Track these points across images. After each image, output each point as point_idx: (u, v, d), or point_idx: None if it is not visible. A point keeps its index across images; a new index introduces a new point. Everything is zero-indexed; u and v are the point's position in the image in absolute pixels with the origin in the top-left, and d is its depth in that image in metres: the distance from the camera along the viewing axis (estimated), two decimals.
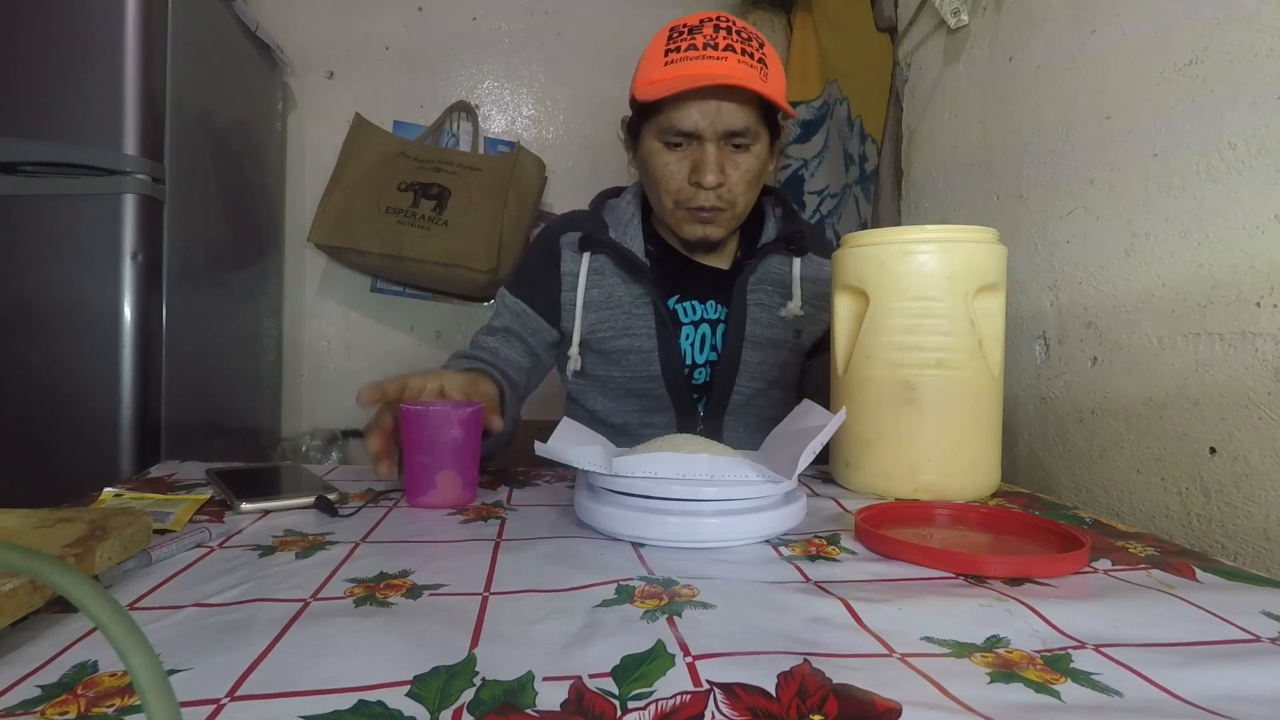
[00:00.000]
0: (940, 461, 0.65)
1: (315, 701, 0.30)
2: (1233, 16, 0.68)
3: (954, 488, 0.66)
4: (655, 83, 0.81)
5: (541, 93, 1.96)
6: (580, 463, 0.55)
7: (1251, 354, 0.66)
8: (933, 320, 0.64)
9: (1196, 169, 0.71)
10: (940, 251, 0.64)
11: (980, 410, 0.67)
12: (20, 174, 1.11)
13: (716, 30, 0.81)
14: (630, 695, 0.31)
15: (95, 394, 1.12)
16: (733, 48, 0.80)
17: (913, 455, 0.65)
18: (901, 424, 0.65)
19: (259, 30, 1.57)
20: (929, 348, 0.64)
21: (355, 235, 1.63)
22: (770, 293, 0.94)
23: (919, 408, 0.64)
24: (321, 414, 1.88)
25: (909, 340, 0.64)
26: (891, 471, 0.66)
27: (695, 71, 0.79)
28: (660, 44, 0.83)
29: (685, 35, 0.81)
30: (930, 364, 0.64)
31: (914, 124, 1.24)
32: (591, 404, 0.97)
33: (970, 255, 0.66)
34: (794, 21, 1.95)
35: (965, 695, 0.31)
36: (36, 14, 1.12)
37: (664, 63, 0.81)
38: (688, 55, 0.80)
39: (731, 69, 0.79)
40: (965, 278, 0.65)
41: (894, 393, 0.65)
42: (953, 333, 0.64)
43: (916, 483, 0.65)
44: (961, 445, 0.66)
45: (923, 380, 0.64)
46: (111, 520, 0.44)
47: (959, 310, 0.64)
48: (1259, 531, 0.65)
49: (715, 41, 0.80)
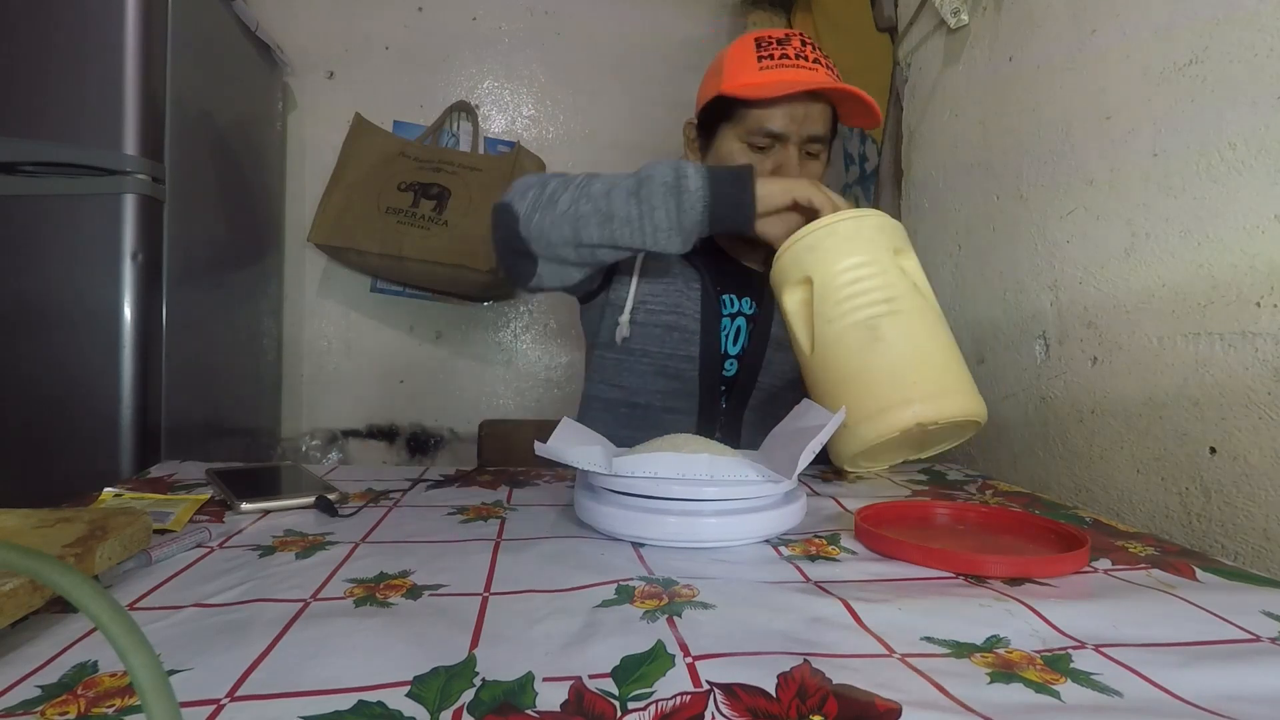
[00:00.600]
0: (925, 384, 0.67)
1: (315, 702, 0.30)
2: (1233, 16, 0.68)
3: (946, 407, 0.66)
4: (754, 85, 0.86)
5: (541, 93, 1.96)
6: (580, 463, 0.55)
7: (1251, 354, 0.66)
8: (870, 273, 0.70)
9: (1196, 169, 0.71)
10: (855, 224, 0.72)
11: (941, 335, 0.71)
12: (20, 174, 1.11)
13: (804, 44, 0.88)
14: (630, 696, 0.31)
15: (95, 394, 1.12)
16: (820, 61, 0.87)
17: (899, 384, 0.67)
18: (878, 361, 0.68)
19: (259, 30, 1.57)
20: (874, 291, 0.69)
21: (355, 235, 1.63)
22: None
23: (887, 341, 0.68)
24: (321, 414, 1.88)
25: (856, 292, 0.69)
26: (885, 406, 0.67)
27: (794, 77, 0.85)
28: (749, 50, 0.88)
29: (775, 45, 0.88)
30: (881, 302, 0.69)
31: (914, 124, 1.24)
32: (621, 379, 0.96)
33: (877, 224, 0.73)
34: (794, 21, 1.95)
35: (965, 695, 0.31)
36: (36, 14, 1.12)
37: (759, 67, 0.86)
38: (782, 63, 0.86)
39: (822, 77, 0.85)
40: (882, 240, 0.72)
41: (861, 337, 0.69)
42: (889, 280, 0.70)
43: (912, 408, 0.66)
44: (938, 367, 0.69)
45: (881, 319, 0.68)
46: (111, 520, 0.44)
47: (887, 262, 0.71)
48: (1259, 531, 0.65)
49: (805, 54, 0.87)
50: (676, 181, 0.74)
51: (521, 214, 0.81)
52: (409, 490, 0.69)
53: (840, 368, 0.70)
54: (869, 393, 0.67)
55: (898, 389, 0.67)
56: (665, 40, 2.00)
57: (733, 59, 0.89)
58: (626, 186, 0.76)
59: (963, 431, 0.73)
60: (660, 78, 1.97)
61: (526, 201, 0.81)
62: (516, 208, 0.82)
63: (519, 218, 0.81)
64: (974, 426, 0.71)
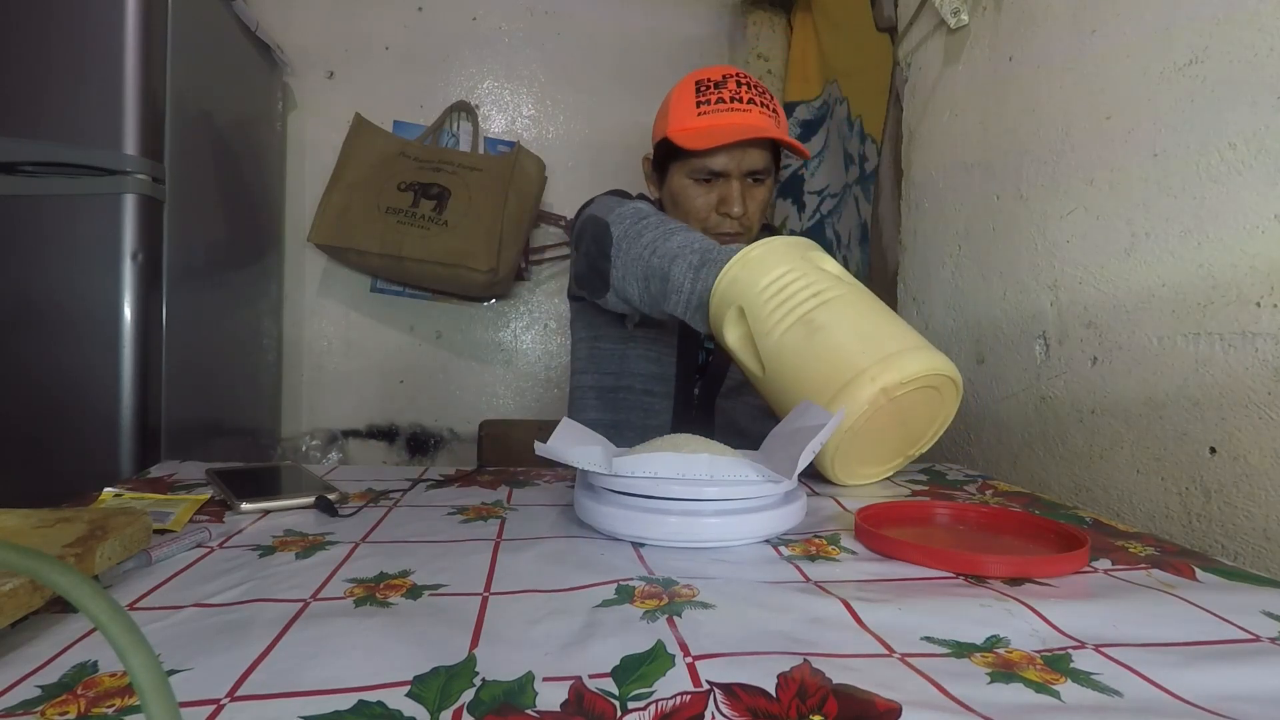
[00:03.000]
0: (875, 351, 0.66)
1: (315, 702, 0.30)
2: (1233, 16, 0.68)
3: (907, 366, 0.65)
4: (691, 131, 0.94)
5: (541, 93, 1.96)
6: (580, 463, 0.55)
7: (1251, 354, 0.66)
8: (791, 279, 0.70)
9: (1196, 169, 0.71)
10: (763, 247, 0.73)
11: (880, 310, 0.71)
12: (20, 174, 1.11)
13: (740, 85, 0.95)
14: (630, 695, 0.31)
15: (95, 394, 1.12)
16: (754, 101, 0.94)
17: (849, 360, 0.66)
18: (822, 347, 0.67)
19: (259, 30, 1.57)
20: (801, 292, 0.70)
21: (355, 235, 1.63)
22: None
23: (825, 328, 0.67)
24: (321, 414, 1.88)
25: (784, 299, 0.70)
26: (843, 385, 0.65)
27: (728, 123, 0.92)
28: (689, 95, 0.96)
29: (712, 89, 0.95)
30: (810, 298, 0.69)
31: (914, 124, 1.24)
32: (609, 366, 1.04)
33: (784, 240, 0.74)
34: (794, 21, 1.95)
35: (965, 695, 0.31)
36: (36, 14, 1.12)
37: (696, 113, 0.95)
38: (718, 108, 0.94)
39: (755, 120, 0.93)
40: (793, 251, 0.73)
41: (799, 335, 0.68)
42: (811, 279, 0.70)
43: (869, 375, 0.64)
44: (885, 334, 0.68)
45: (813, 311, 0.68)
46: (111, 520, 0.44)
47: (804, 266, 0.71)
48: (1259, 531, 0.65)
49: (740, 96, 0.94)
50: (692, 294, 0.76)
51: (615, 236, 0.84)
52: (409, 490, 0.69)
53: (790, 371, 0.69)
54: (824, 381, 0.66)
55: (849, 365, 0.65)
56: (665, 40, 2.00)
57: (675, 103, 0.97)
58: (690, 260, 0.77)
59: (943, 400, 0.70)
60: (661, 78, 1.96)
61: (622, 226, 0.84)
62: (614, 229, 0.85)
63: (613, 241, 0.84)
64: (951, 388, 0.69)
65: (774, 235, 0.79)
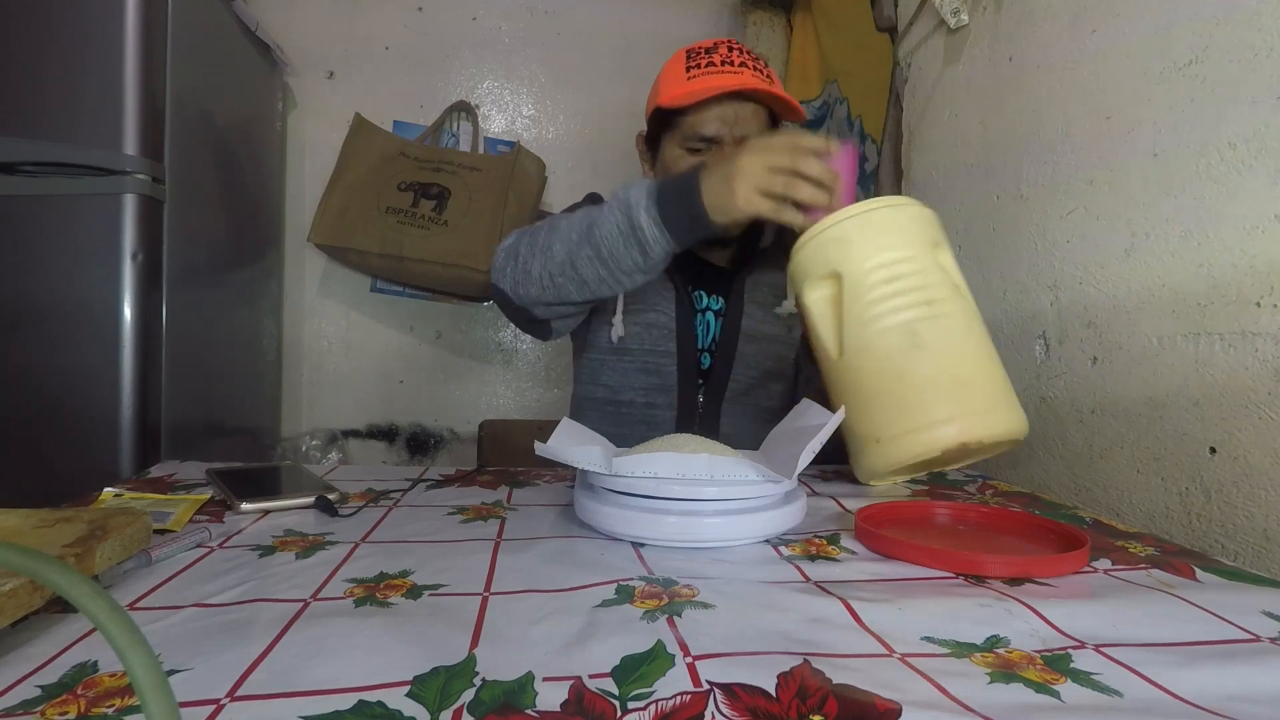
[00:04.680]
0: (971, 399, 0.62)
1: (315, 702, 0.30)
2: (1233, 16, 0.68)
3: (994, 425, 0.61)
4: (681, 94, 0.90)
5: (541, 93, 1.96)
6: (580, 463, 0.55)
7: (1251, 354, 0.66)
8: (908, 270, 0.64)
9: (1196, 169, 0.71)
10: (891, 213, 0.66)
11: (985, 343, 0.65)
12: (20, 174, 1.11)
13: (731, 50, 0.92)
14: (630, 695, 0.31)
15: (95, 394, 1.12)
16: (745, 64, 0.91)
17: (942, 398, 0.62)
18: (918, 371, 0.62)
19: (259, 30, 1.57)
20: (913, 291, 0.63)
21: (355, 235, 1.63)
22: (767, 292, 1.00)
23: (929, 349, 0.62)
24: (321, 414, 1.88)
25: (893, 292, 0.63)
26: (927, 422, 0.61)
27: (718, 83, 0.89)
28: (680, 63, 0.93)
29: (703, 55, 0.92)
30: (921, 304, 0.63)
31: (914, 124, 1.24)
32: (607, 379, 1.00)
33: (915, 214, 0.67)
34: (794, 21, 1.95)
35: (965, 695, 0.31)
36: (36, 14, 1.12)
37: (686, 78, 0.91)
38: (708, 71, 0.90)
39: (747, 80, 0.89)
40: (920, 232, 0.66)
41: (899, 343, 0.62)
42: (929, 278, 0.64)
43: (957, 425, 0.60)
44: (984, 378, 0.63)
45: (921, 324, 0.62)
46: (111, 520, 0.44)
47: (926, 258, 0.65)
48: (1259, 531, 0.65)
49: (731, 59, 0.91)
50: (631, 231, 0.73)
51: (511, 293, 0.85)
52: (409, 490, 0.69)
53: (874, 376, 0.64)
54: (908, 406, 0.62)
55: (941, 403, 0.61)
56: (665, 40, 1.99)
57: (667, 73, 0.95)
58: (585, 253, 0.76)
59: (998, 448, 0.68)
60: None
61: (508, 280, 0.85)
62: (506, 289, 0.86)
63: (511, 299, 0.86)
64: (1012, 444, 0.66)
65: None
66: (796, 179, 0.67)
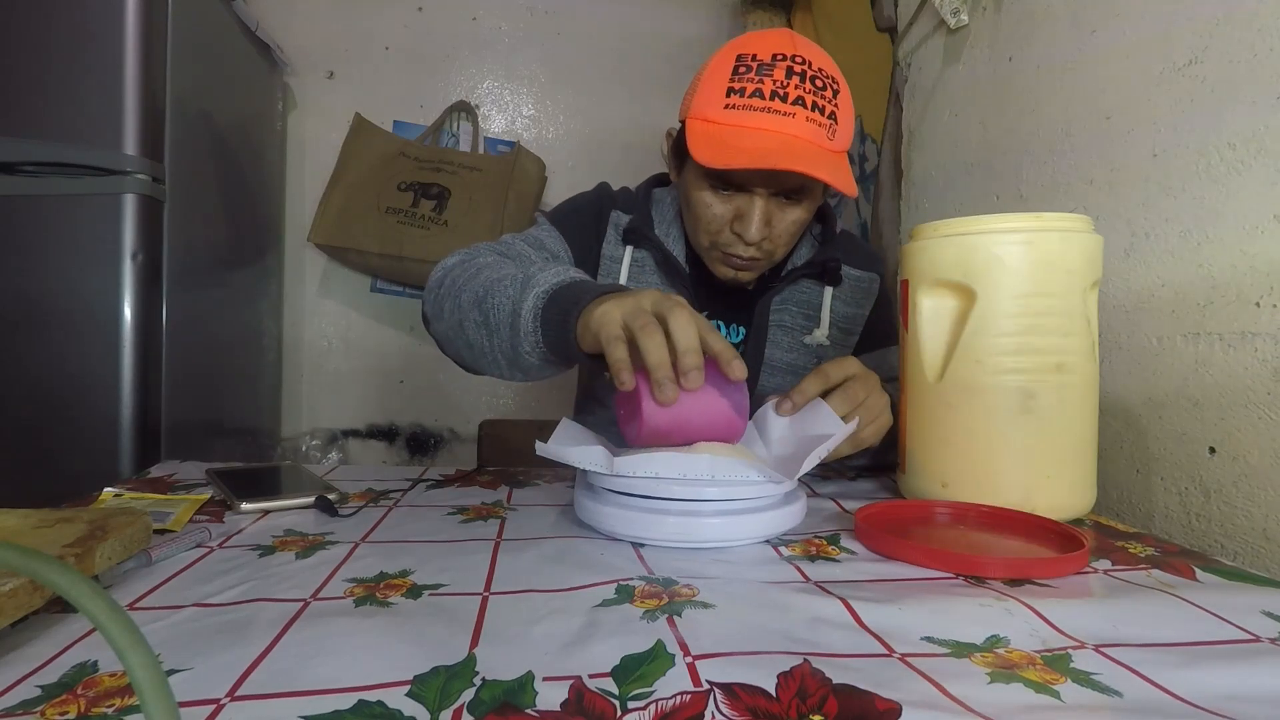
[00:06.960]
0: (1058, 478, 0.58)
1: (315, 701, 0.30)
2: (1233, 16, 0.68)
3: (1066, 506, 0.59)
4: (711, 128, 0.72)
5: (541, 93, 1.96)
6: (580, 463, 0.55)
7: (1251, 354, 0.66)
8: (1052, 319, 0.56)
9: (1196, 169, 0.71)
10: (1061, 241, 0.56)
11: (1092, 417, 0.60)
12: (20, 174, 1.11)
13: (789, 75, 0.71)
14: (630, 695, 0.31)
15: (95, 394, 1.12)
16: (803, 100, 0.70)
17: (1030, 472, 0.58)
18: (1018, 438, 0.57)
19: (259, 30, 1.57)
20: (1048, 350, 0.57)
21: (355, 235, 1.63)
22: (795, 315, 0.89)
23: (1039, 419, 0.56)
24: (321, 414, 1.88)
25: (1027, 342, 0.56)
26: (1001, 492, 0.58)
27: (756, 132, 0.70)
28: (724, 73, 0.73)
29: (753, 74, 0.71)
30: (1050, 368, 0.56)
31: (914, 124, 1.24)
32: (606, 397, 0.94)
33: (1086, 246, 0.57)
34: (794, 21, 1.95)
35: (965, 695, 0.31)
36: (36, 14, 1.12)
37: (724, 103, 0.72)
38: (752, 103, 0.71)
39: (796, 132, 0.70)
40: (1084, 271, 0.57)
41: (1009, 402, 0.57)
42: (1072, 333, 0.57)
43: (1033, 505, 0.57)
44: (1076, 458, 0.59)
45: (1042, 387, 0.56)
46: (111, 520, 0.44)
47: (1077, 307, 0.57)
48: (1259, 531, 0.65)
49: (785, 92, 0.70)
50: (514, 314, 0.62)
51: (431, 319, 0.76)
52: (409, 490, 0.69)
53: (966, 419, 0.59)
54: (989, 466, 0.58)
55: (1022, 472, 0.57)
56: (665, 40, 2.00)
57: (707, 80, 0.75)
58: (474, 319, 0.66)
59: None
60: (661, 77, 1.97)
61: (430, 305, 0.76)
62: (427, 312, 0.77)
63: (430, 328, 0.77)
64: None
65: None
66: (655, 328, 0.51)
